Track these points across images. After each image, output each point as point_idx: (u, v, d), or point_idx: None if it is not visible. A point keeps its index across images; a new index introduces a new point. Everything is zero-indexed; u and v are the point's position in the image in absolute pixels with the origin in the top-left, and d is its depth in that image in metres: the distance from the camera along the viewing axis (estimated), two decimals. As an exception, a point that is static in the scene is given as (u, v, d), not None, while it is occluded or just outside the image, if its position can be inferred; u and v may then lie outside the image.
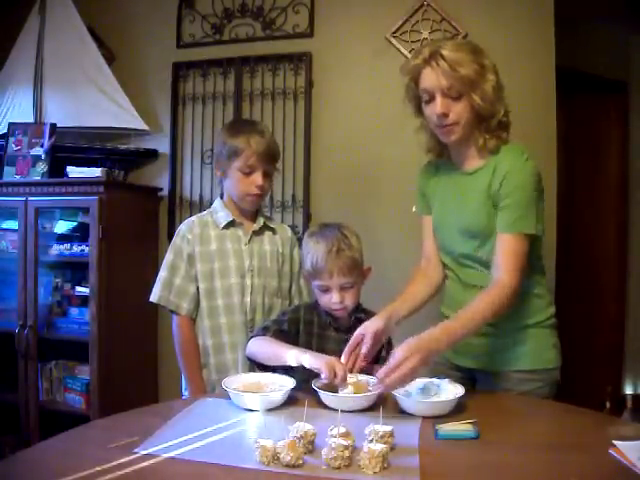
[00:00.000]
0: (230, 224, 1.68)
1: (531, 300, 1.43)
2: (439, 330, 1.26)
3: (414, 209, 1.63)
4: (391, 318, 1.40)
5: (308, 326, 1.49)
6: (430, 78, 1.35)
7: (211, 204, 1.78)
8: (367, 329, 1.35)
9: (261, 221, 1.73)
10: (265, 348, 1.42)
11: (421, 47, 1.43)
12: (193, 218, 1.73)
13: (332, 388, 1.26)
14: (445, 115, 1.36)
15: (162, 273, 1.67)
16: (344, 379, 1.25)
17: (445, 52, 1.33)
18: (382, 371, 1.20)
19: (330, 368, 1.25)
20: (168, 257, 1.68)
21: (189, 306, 1.65)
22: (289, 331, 1.46)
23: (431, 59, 1.34)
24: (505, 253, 1.35)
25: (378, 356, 1.50)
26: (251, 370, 1.53)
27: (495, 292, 1.32)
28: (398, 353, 1.20)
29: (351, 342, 1.35)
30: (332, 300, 1.44)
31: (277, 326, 1.46)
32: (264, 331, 1.46)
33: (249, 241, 1.69)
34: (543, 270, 1.51)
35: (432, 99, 1.37)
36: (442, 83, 1.33)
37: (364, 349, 1.34)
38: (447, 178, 1.51)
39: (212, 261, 1.65)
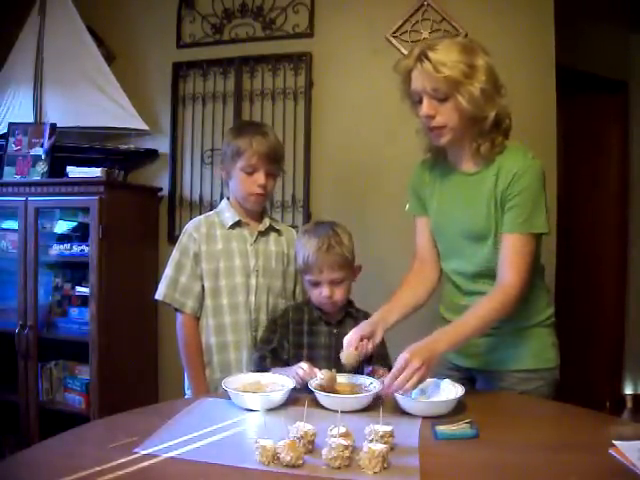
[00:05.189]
0: (236, 224, 1.69)
1: (530, 300, 1.42)
2: (440, 332, 1.28)
3: (407, 208, 1.60)
4: (378, 324, 1.40)
5: (297, 325, 1.53)
6: (416, 80, 1.33)
7: (211, 204, 1.79)
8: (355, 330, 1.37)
9: (267, 222, 1.74)
10: None
11: (413, 46, 1.40)
12: (200, 217, 1.75)
13: (329, 389, 1.27)
14: (431, 117, 1.33)
15: (168, 271, 1.68)
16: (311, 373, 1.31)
17: (431, 53, 1.29)
18: (387, 380, 1.21)
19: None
20: (174, 255, 1.69)
21: (194, 304, 1.65)
22: (281, 345, 1.51)
23: (418, 60, 1.31)
24: (512, 253, 1.33)
25: (372, 355, 1.50)
26: (253, 369, 1.53)
27: (500, 296, 1.31)
28: (400, 358, 1.21)
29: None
30: (322, 294, 1.48)
31: (272, 355, 1.50)
32: (261, 360, 1.50)
33: (255, 241, 1.70)
34: (542, 270, 1.50)
35: (420, 101, 1.35)
36: (426, 85, 1.31)
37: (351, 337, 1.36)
38: (445, 179, 1.48)
39: (218, 260, 1.66)
